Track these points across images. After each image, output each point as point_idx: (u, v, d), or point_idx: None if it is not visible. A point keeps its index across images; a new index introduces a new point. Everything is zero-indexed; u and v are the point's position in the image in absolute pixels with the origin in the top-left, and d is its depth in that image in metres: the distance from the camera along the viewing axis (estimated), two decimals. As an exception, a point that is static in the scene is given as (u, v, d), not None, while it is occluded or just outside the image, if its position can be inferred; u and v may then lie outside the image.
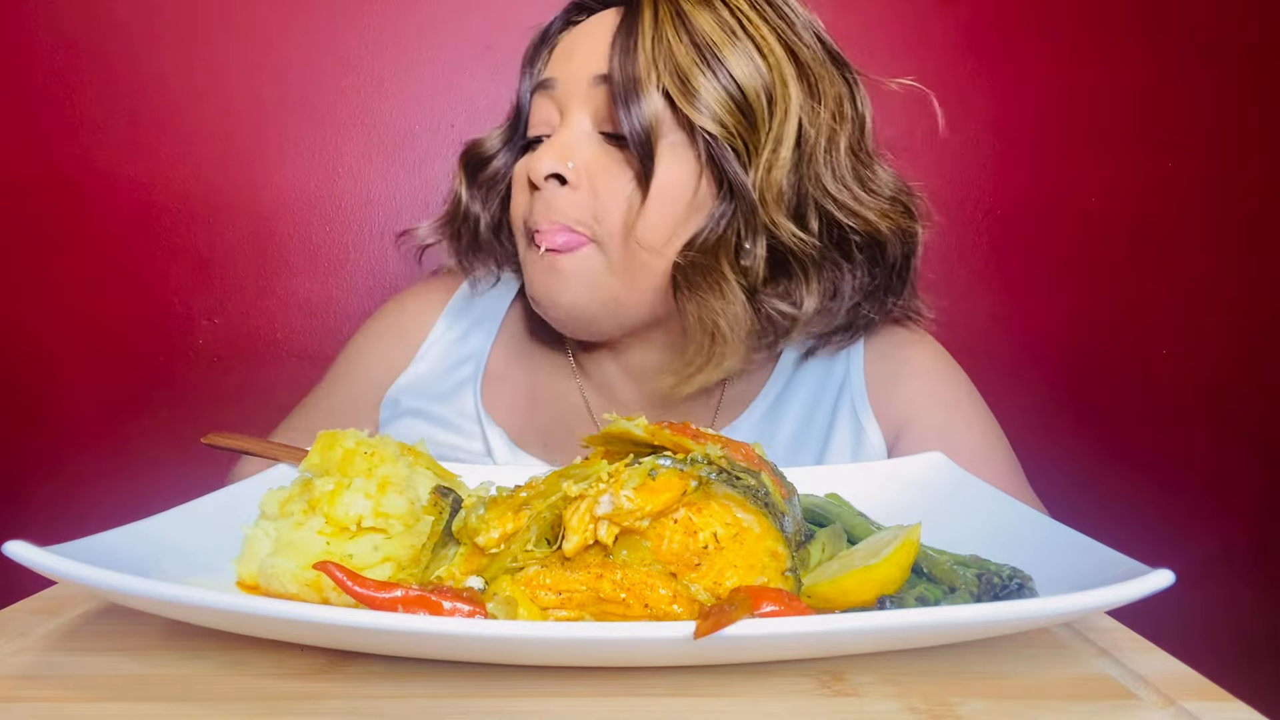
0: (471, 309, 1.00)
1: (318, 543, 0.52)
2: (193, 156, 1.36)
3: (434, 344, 0.97)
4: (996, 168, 1.44)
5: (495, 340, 0.97)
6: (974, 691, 0.41)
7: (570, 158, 0.79)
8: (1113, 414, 1.49)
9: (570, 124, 0.81)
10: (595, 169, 0.80)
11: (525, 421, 0.93)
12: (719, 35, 0.77)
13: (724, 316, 0.78)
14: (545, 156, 0.80)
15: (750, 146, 0.77)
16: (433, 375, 0.95)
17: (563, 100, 0.82)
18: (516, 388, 0.95)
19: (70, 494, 1.36)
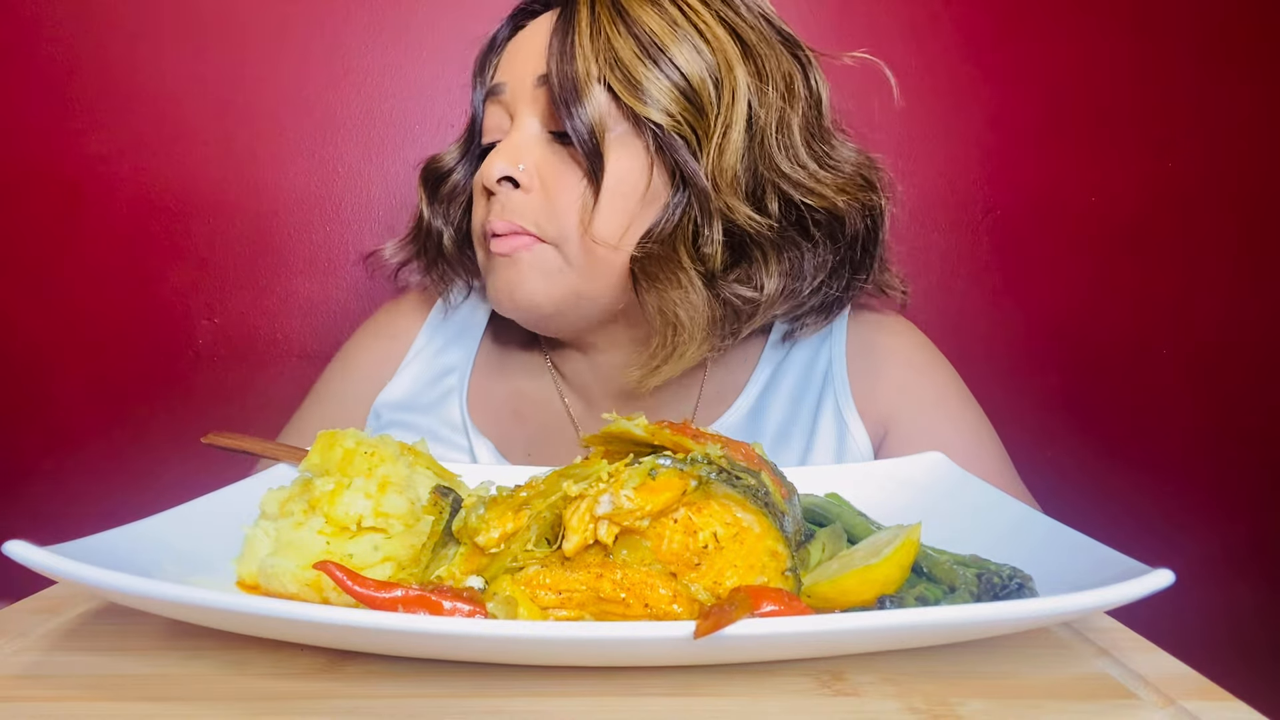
0: (451, 322, 1.01)
1: (318, 543, 0.52)
2: (193, 156, 1.36)
3: (416, 357, 0.98)
4: (996, 168, 1.44)
5: (477, 351, 0.98)
6: (974, 691, 0.41)
7: (520, 160, 0.80)
8: (1113, 413, 1.49)
9: (519, 126, 0.82)
10: (546, 170, 0.80)
11: (509, 432, 0.93)
12: (659, 25, 0.77)
13: (683, 306, 0.78)
14: (496, 160, 0.81)
15: (699, 133, 0.77)
16: (415, 388, 0.96)
17: (511, 104, 0.83)
18: (499, 399, 0.96)
19: (70, 494, 1.36)
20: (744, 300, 0.80)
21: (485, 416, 0.94)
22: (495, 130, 0.85)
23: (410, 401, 0.95)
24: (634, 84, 0.76)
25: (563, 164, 0.80)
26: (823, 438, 0.90)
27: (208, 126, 1.36)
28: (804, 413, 0.92)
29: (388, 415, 0.94)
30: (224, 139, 1.37)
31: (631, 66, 0.76)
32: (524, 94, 0.82)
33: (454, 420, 0.93)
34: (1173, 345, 1.48)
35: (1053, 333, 1.47)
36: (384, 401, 0.96)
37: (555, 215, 0.80)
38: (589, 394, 0.95)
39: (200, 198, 1.37)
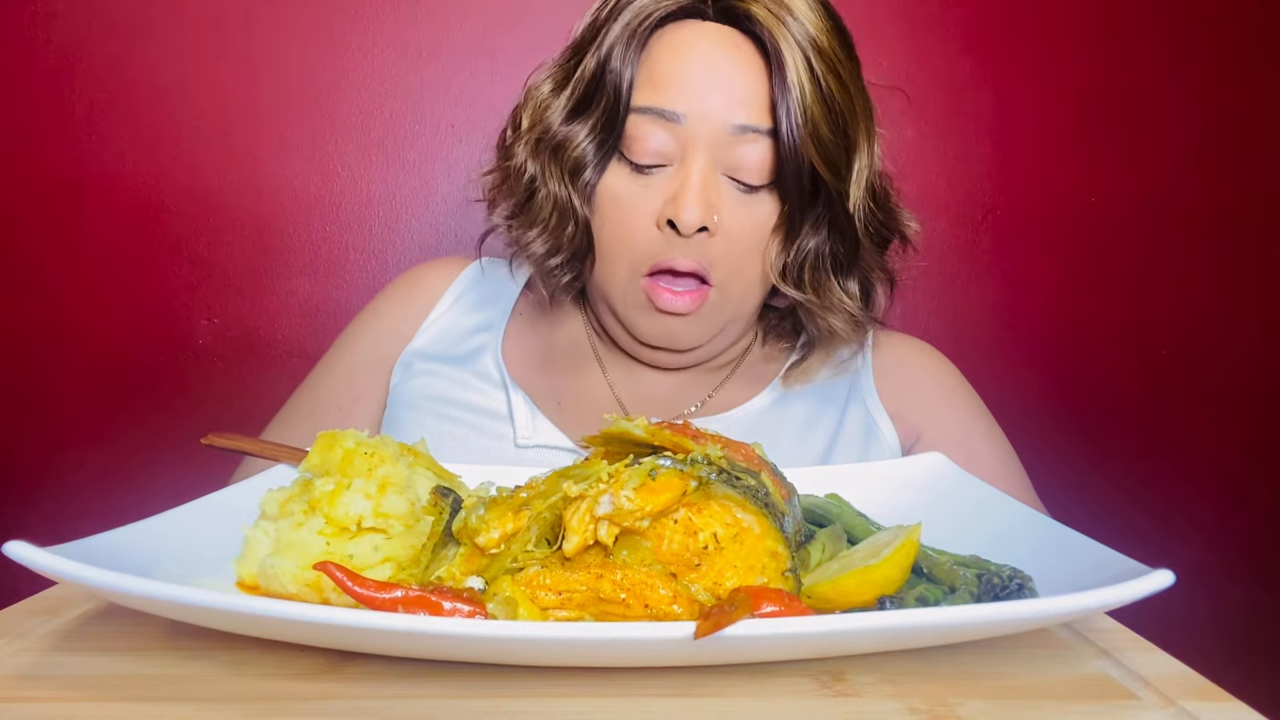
0: (483, 284, 1.02)
1: (318, 543, 0.52)
2: (193, 156, 1.36)
3: (446, 310, 1.00)
4: (996, 168, 1.44)
5: (512, 311, 1.00)
6: (974, 691, 0.41)
7: (716, 211, 0.82)
8: (1112, 413, 1.49)
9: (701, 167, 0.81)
10: (730, 217, 0.83)
11: (540, 384, 0.95)
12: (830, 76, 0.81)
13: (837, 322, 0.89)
14: (695, 208, 0.80)
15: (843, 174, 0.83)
16: (447, 341, 0.97)
17: (688, 137, 0.81)
18: (532, 354, 0.98)
19: (70, 494, 1.36)
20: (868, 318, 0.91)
21: (517, 370, 0.95)
22: (655, 155, 0.83)
23: (442, 353, 0.96)
24: (832, 162, 0.82)
25: (741, 208, 0.84)
26: (849, 432, 0.93)
27: (208, 126, 1.36)
28: (830, 410, 0.95)
29: (420, 365, 0.95)
30: (224, 139, 1.37)
31: (820, 122, 0.80)
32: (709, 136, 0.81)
33: (489, 373, 0.95)
34: (1172, 345, 1.49)
35: (1052, 332, 1.47)
36: (413, 351, 0.97)
37: (732, 258, 0.84)
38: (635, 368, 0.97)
39: (200, 198, 1.37)
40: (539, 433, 0.90)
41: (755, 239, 0.85)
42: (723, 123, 0.81)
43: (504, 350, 0.96)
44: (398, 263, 1.41)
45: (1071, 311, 1.47)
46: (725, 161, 0.82)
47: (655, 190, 0.83)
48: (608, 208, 0.85)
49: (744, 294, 0.88)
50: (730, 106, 0.81)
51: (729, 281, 0.85)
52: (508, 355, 0.96)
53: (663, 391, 0.96)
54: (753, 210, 0.84)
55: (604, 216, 0.86)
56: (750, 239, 0.84)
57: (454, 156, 1.41)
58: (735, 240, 0.84)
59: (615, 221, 0.85)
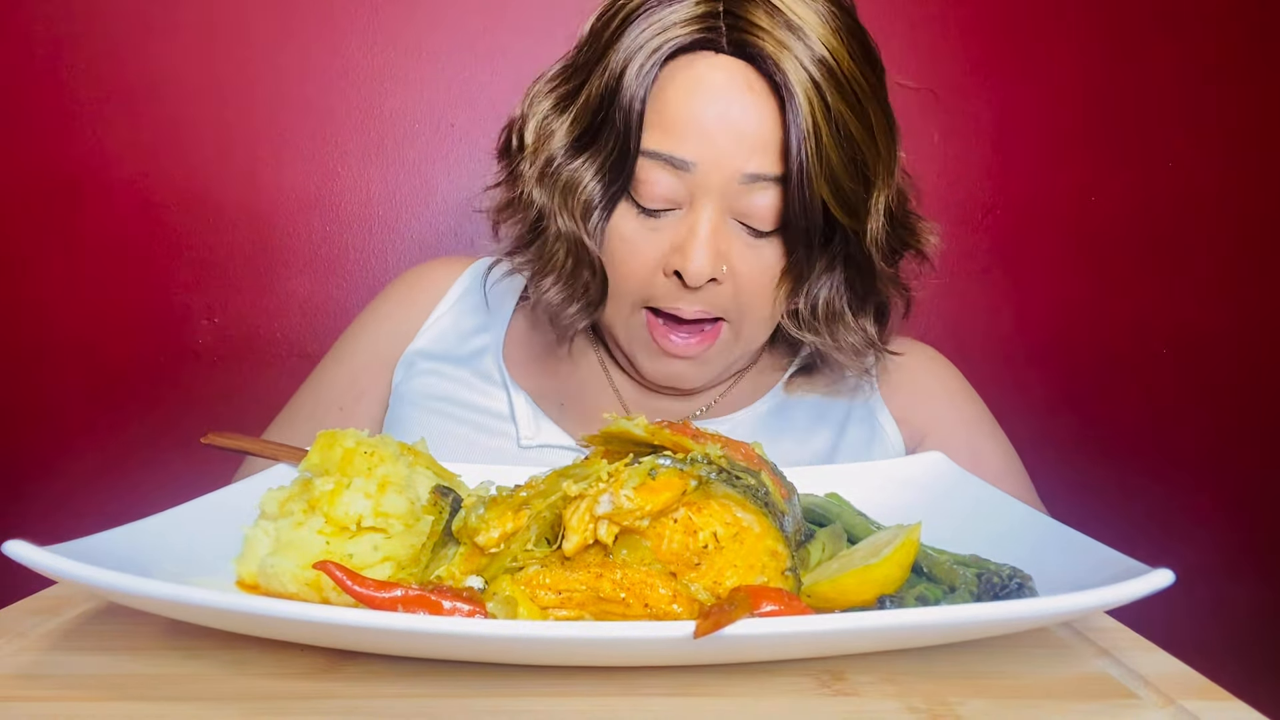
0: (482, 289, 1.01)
1: (318, 542, 0.52)
2: (193, 156, 1.36)
3: (447, 311, 0.99)
4: (996, 168, 1.44)
5: (515, 312, 0.99)
6: (974, 691, 0.41)
7: (724, 261, 0.80)
8: (1112, 413, 1.49)
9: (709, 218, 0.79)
10: (739, 263, 0.81)
11: (543, 385, 0.95)
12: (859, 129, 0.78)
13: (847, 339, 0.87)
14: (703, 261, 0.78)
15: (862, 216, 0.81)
16: (448, 341, 0.97)
17: (696, 185, 0.79)
18: (534, 355, 0.97)
19: (70, 494, 1.36)
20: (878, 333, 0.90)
21: (519, 371, 0.95)
22: (663, 200, 0.80)
23: (444, 353, 0.96)
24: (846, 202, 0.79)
25: (751, 253, 0.81)
26: (853, 433, 0.94)
27: (208, 126, 1.36)
28: (834, 413, 0.95)
29: (422, 364, 0.95)
30: (224, 139, 1.37)
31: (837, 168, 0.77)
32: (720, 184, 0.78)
33: (490, 373, 0.94)
34: (1171, 344, 1.49)
35: (1052, 332, 1.47)
36: (416, 350, 0.96)
37: (741, 303, 0.83)
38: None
39: (200, 198, 1.37)
40: (542, 433, 0.90)
41: (765, 282, 0.83)
42: (734, 171, 0.77)
43: (506, 351, 0.96)
44: (398, 262, 1.41)
45: (1071, 311, 1.47)
46: (735, 208, 0.80)
47: (663, 234, 0.81)
48: (615, 248, 0.83)
49: (754, 334, 0.87)
50: (742, 154, 0.77)
51: (741, 323, 0.85)
52: (509, 356, 0.96)
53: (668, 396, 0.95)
54: (761, 254, 0.82)
55: (610, 257, 0.84)
56: (759, 283, 0.83)
57: (454, 156, 1.41)
58: (744, 287, 0.82)
59: (621, 263, 0.83)
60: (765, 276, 0.82)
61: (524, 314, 0.99)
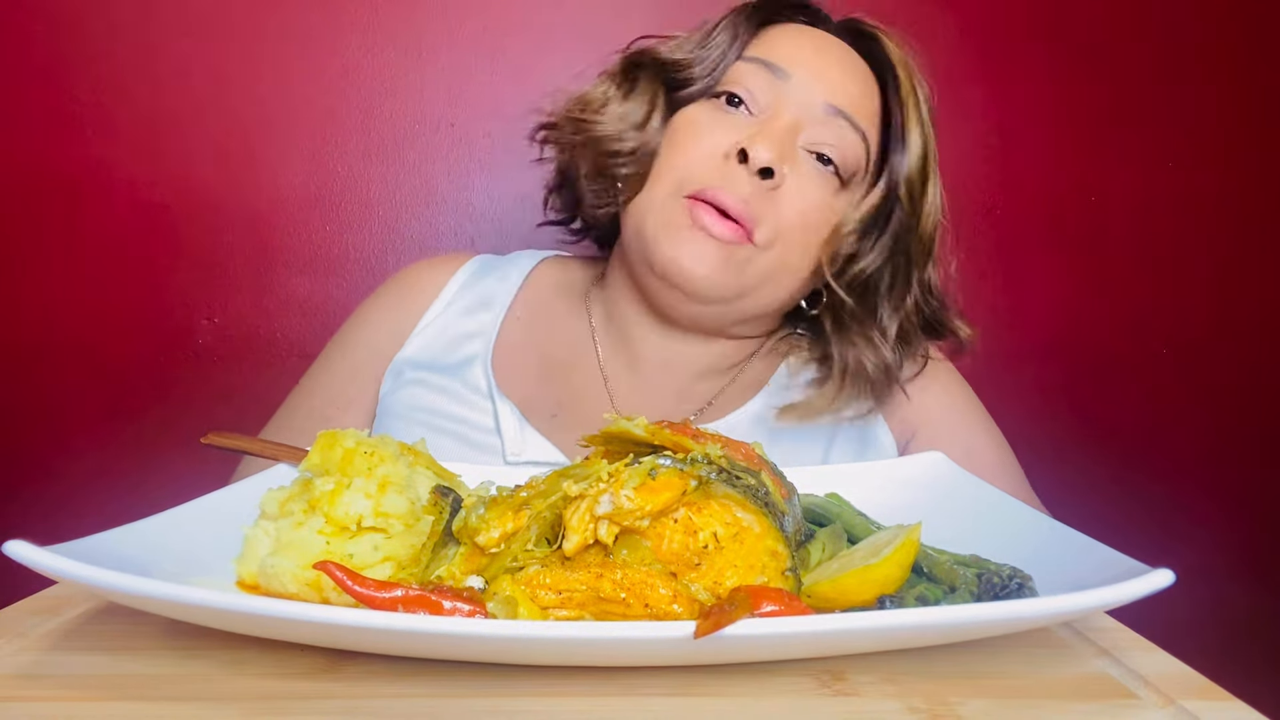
0: (478, 285, 0.99)
1: (318, 542, 0.52)
2: (193, 156, 1.36)
3: (439, 315, 0.97)
4: (996, 168, 1.44)
5: (507, 315, 0.97)
6: (974, 691, 0.41)
7: (789, 161, 0.83)
8: (1112, 413, 1.49)
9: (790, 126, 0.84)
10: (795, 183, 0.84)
11: (535, 393, 0.92)
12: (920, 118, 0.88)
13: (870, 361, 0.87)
14: (771, 146, 0.81)
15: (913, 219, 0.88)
16: (437, 347, 0.95)
17: (785, 95, 0.84)
18: (527, 361, 0.95)
19: (70, 494, 1.36)
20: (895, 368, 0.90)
21: (511, 379, 0.92)
22: (749, 93, 0.85)
23: (432, 361, 0.94)
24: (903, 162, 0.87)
25: (810, 179, 0.85)
26: (844, 435, 0.92)
27: (208, 127, 1.36)
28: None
29: (410, 373, 0.93)
30: (224, 139, 1.37)
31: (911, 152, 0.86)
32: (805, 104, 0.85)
33: (478, 383, 0.91)
34: (1171, 344, 1.49)
35: (1052, 332, 1.47)
36: (404, 359, 0.94)
37: (782, 224, 0.83)
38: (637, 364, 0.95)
39: (200, 198, 1.37)
40: (528, 448, 0.86)
41: (814, 217, 0.84)
42: (824, 98, 0.84)
43: (496, 358, 0.93)
44: (398, 262, 1.41)
45: (1071, 311, 1.47)
46: (812, 135, 0.84)
47: (734, 127, 0.84)
48: (679, 133, 0.86)
49: (779, 268, 0.85)
50: (834, 87, 0.85)
51: (773, 246, 0.84)
52: (499, 363, 0.93)
53: (660, 398, 0.94)
54: (821, 188, 0.85)
55: (673, 141, 0.86)
56: (808, 213, 0.84)
57: (454, 156, 1.41)
58: (792, 207, 0.83)
59: (682, 145, 0.85)
60: (816, 210, 0.84)
61: (519, 317, 0.98)
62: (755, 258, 0.84)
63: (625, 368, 0.95)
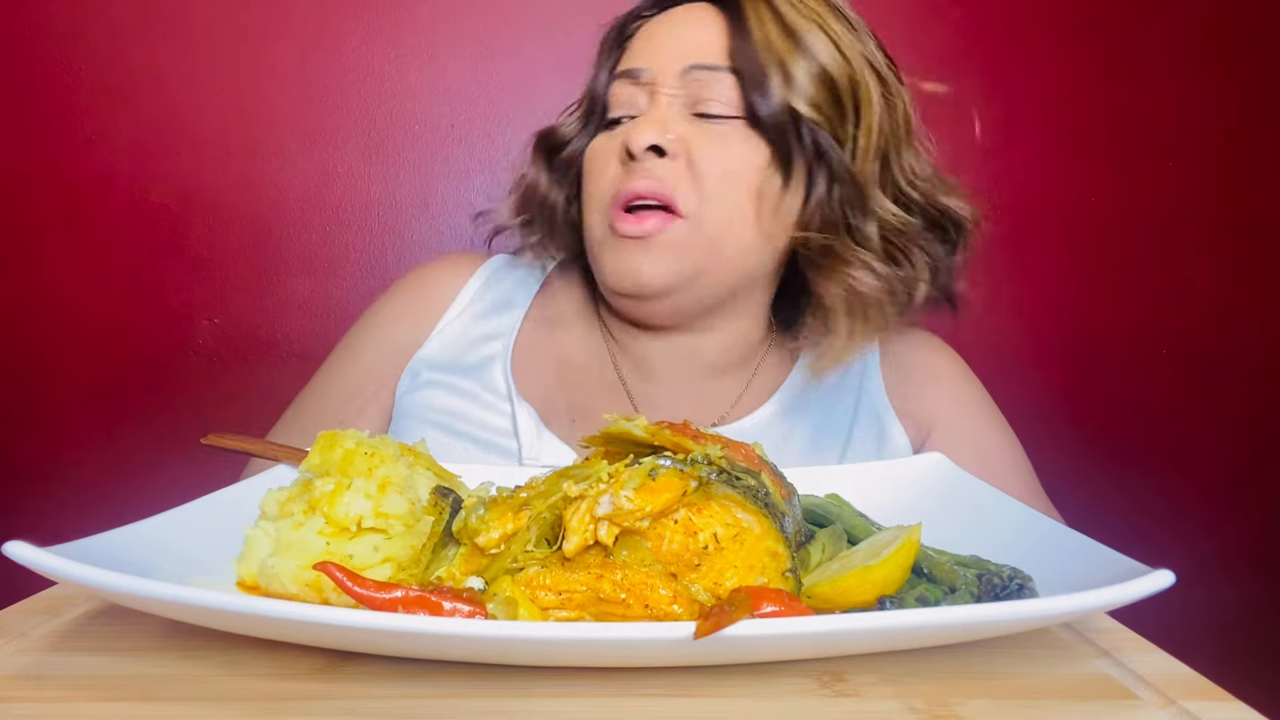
0: (497, 286, 0.99)
1: (318, 543, 0.52)
2: (193, 156, 1.36)
3: (458, 316, 0.96)
4: (996, 168, 1.44)
5: (526, 317, 0.97)
6: (974, 691, 0.41)
7: (669, 131, 0.83)
8: (1112, 413, 1.49)
9: (661, 104, 0.85)
10: (692, 142, 0.83)
11: (554, 398, 0.92)
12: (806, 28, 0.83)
13: (865, 286, 0.85)
14: (646, 129, 0.82)
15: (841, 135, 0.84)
16: (457, 348, 0.94)
17: (651, 86, 0.86)
18: (546, 364, 0.94)
19: (70, 494, 1.36)
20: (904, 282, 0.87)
21: (529, 382, 0.92)
22: (628, 105, 0.88)
23: (451, 363, 0.93)
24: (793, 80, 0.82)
25: (710, 138, 0.83)
26: (860, 438, 0.92)
27: (208, 126, 1.36)
28: (840, 415, 0.94)
29: (427, 374, 0.92)
30: (224, 139, 1.37)
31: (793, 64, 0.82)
32: (668, 78, 0.85)
33: (497, 385, 0.91)
34: (1171, 345, 1.48)
35: (1052, 332, 1.47)
36: (422, 359, 0.93)
37: (699, 184, 0.82)
38: (648, 368, 0.95)
39: (200, 198, 1.37)
40: (545, 452, 0.86)
41: (732, 165, 0.83)
42: (680, 66, 0.84)
43: (515, 360, 0.93)
44: (398, 263, 1.41)
45: (1071, 311, 1.47)
46: (691, 99, 0.84)
47: (620, 133, 0.87)
48: (588, 164, 0.90)
49: (722, 233, 0.83)
50: (687, 52, 0.85)
51: (703, 214, 0.82)
52: (518, 366, 0.92)
53: (684, 405, 0.92)
54: (728, 143, 0.83)
55: (586, 172, 0.90)
56: (723, 170, 0.83)
57: (454, 157, 1.41)
58: (705, 170, 0.82)
59: (590, 172, 0.89)
60: (732, 165, 0.83)
61: (537, 319, 0.97)
62: (691, 232, 0.83)
63: (635, 371, 0.95)
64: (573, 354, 0.96)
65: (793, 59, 0.82)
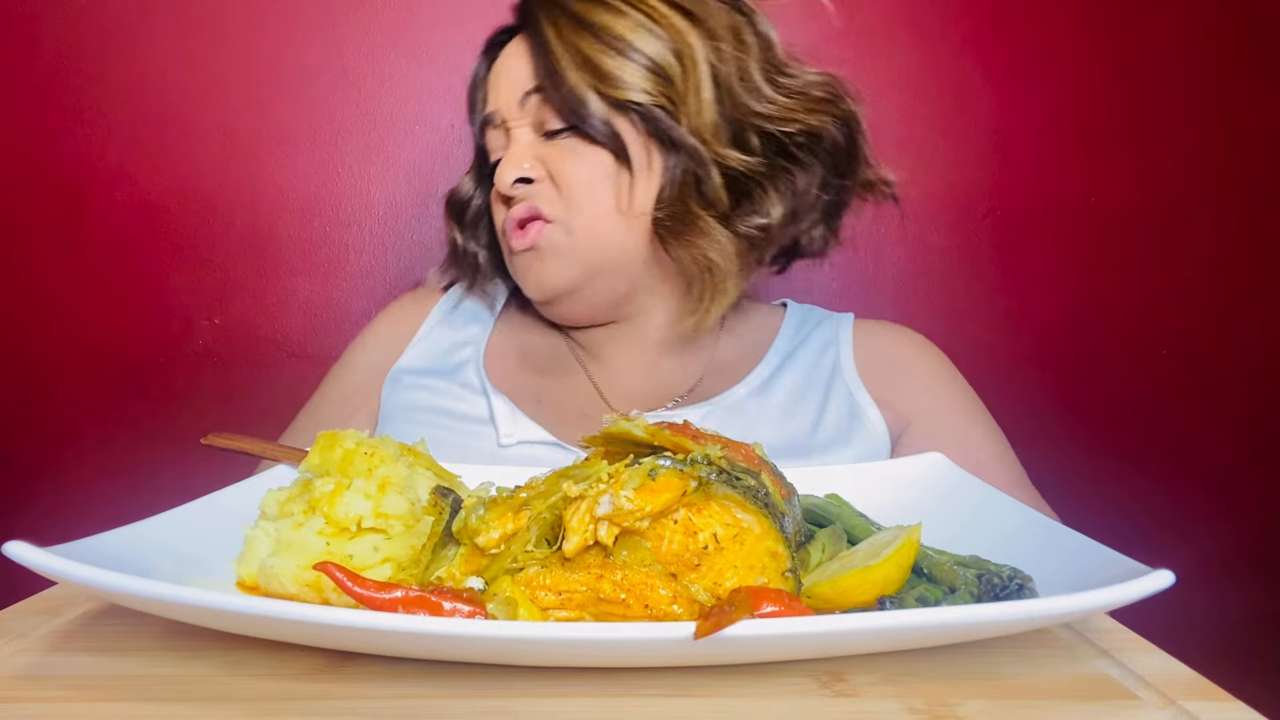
0: (464, 307, 1.10)
1: (318, 543, 0.52)
2: (193, 156, 1.36)
3: (430, 331, 1.07)
4: (996, 168, 1.44)
5: (495, 325, 1.07)
6: (974, 691, 0.41)
7: (524, 161, 0.92)
8: (1112, 413, 1.49)
9: (515, 138, 0.93)
10: (549, 162, 0.91)
11: (522, 388, 1.00)
12: (613, 19, 0.88)
13: (711, 248, 0.90)
14: (505, 170, 0.92)
15: (675, 101, 0.88)
16: (432, 356, 1.03)
17: (505, 126, 0.94)
18: (514, 361, 1.03)
19: (70, 494, 1.36)
20: (759, 229, 0.92)
21: (500, 377, 1.00)
22: (498, 149, 0.96)
23: (429, 368, 1.02)
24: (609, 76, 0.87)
25: (562, 154, 0.91)
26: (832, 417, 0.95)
27: (208, 127, 1.36)
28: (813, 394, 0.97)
29: (407, 379, 1.01)
30: (224, 139, 1.37)
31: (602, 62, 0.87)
32: (513, 111, 0.93)
33: (471, 382, 0.99)
34: (1171, 345, 1.48)
35: (1052, 333, 1.47)
36: (401, 368, 1.03)
37: (564, 196, 0.91)
38: (601, 354, 1.03)
39: (200, 198, 1.37)
40: (519, 431, 0.93)
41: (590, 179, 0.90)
42: (517, 96, 0.92)
43: (486, 360, 1.02)
44: (397, 263, 1.41)
45: (1071, 312, 1.47)
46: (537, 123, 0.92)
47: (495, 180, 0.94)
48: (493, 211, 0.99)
49: (592, 231, 0.91)
50: (517, 84, 0.93)
51: (570, 218, 0.91)
52: (490, 364, 1.02)
53: (640, 383, 0.99)
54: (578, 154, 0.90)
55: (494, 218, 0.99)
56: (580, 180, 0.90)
57: (453, 158, 1.41)
58: (567, 183, 0.90)
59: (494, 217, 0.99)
60: (586, 173, 0.90)
61: (504, 325, 1.07)
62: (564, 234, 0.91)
63: (593, 359, 1.03)
64: (536, 350, 1.05)
65: (600, 57, 0.87)
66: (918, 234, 1.43)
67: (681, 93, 0.88)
